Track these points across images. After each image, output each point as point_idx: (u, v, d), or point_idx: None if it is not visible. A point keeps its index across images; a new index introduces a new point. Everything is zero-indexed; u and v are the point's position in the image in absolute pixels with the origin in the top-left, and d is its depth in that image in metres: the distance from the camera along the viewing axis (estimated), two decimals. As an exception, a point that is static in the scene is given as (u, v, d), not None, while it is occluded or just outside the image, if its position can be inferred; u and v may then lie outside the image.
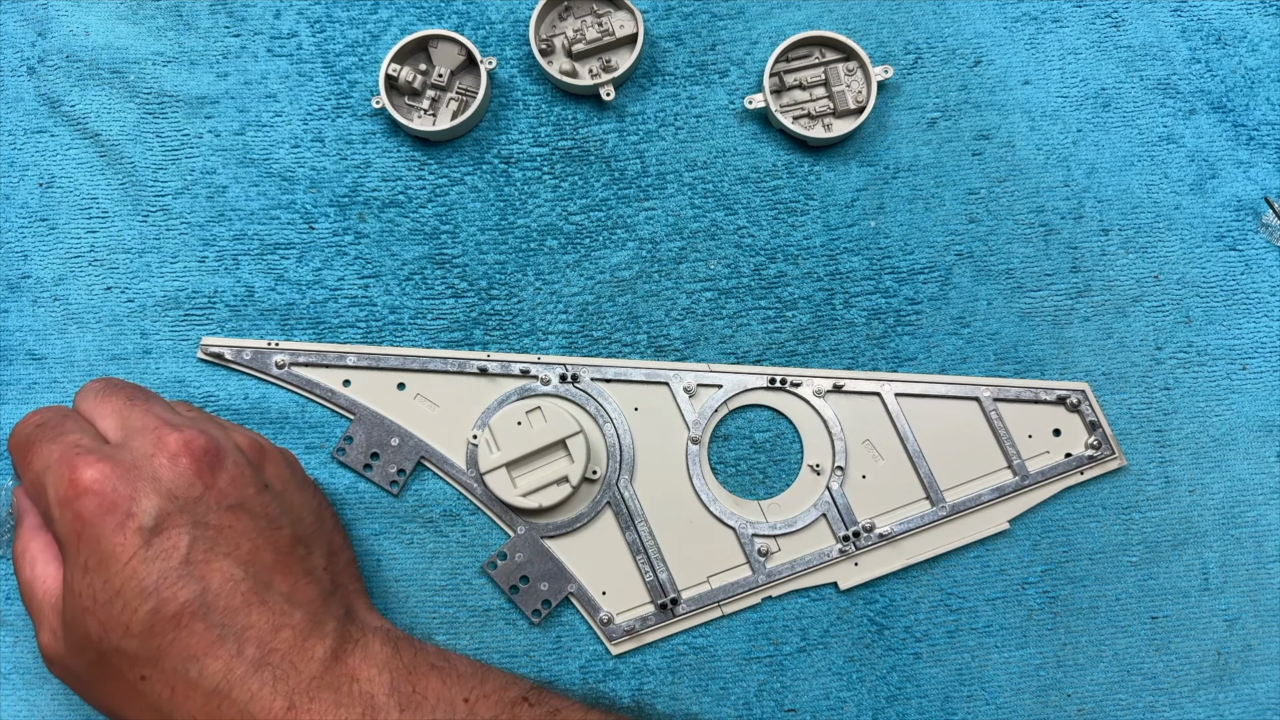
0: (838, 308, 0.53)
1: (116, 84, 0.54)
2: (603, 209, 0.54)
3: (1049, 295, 0.53)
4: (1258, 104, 0.54)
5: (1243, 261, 0.53)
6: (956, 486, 0.51)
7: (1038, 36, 0.55)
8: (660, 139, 0.54)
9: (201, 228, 0.54)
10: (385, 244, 0.53)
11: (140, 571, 0.39)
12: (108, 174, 0.54)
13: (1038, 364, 0.53)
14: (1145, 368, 0.53)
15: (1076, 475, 0.52)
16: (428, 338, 0.53)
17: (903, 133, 0.54)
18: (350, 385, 0.52)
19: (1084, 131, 0.54)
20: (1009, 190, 0.54)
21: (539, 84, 0.55)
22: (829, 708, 0.50)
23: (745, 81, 0.55)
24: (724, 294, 0.53)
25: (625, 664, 0.51)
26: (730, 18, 0.55)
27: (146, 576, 0.39)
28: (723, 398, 0.52)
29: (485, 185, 0.54)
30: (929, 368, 0.53)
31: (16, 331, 0.53)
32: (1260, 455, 0.52)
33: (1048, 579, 0.51)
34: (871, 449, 0.52)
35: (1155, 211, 0.54)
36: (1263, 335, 0.53)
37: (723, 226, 0.54)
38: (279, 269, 0.53)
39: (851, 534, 0.51)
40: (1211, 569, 0.52)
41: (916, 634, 0.51)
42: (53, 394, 0.52)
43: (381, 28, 0.55)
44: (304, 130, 0.54)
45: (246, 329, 0.53)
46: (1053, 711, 0.51)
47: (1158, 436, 0.52)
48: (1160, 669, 0.51)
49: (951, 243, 0.54)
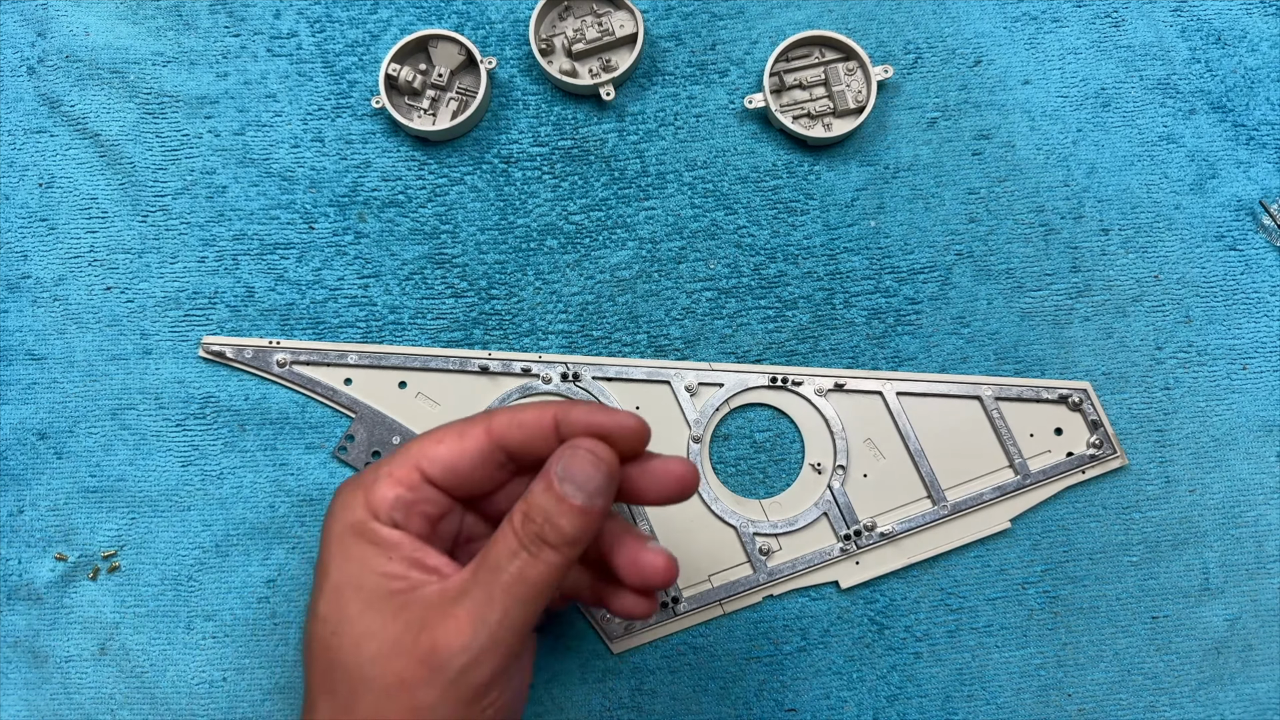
0: (838, 307, 0.53)
1: (116, 84, 0.54)
2: (603, 209, 0.54)
3: (1049, 295, 0.53)
4: (1258, 104, 0.54)
5: (1243, 261, 0.53)
6: (958, 485, 0.51)
7: (1038, 36, 0.55)
8: (660, 139, 0.54)
9: (201, 228, 0.54)
10: (385, 244, 0.53)
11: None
12: (107, 174, 0.54)
13: (1038, 364, 0.53)
14: (1145, 367, 0.53)
15: (1078, 474, 0.52)
16: (427, 337, 0.53)
17: (903, 132, 0.54)
18: (351, 384, 0.52)
19: (1084, 131, 0.54)
20: (1009, 190, 0.54)
21: (539, 84, 0.55)
22: (829, 707, 0.50)
23: (745, 81, 0.55)
24: (724, 294, 0.53)
25: (625, 663, 0.51)
26: (730, 17, 0.55)
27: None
28: (724, 396, 0.52)
29: (485, 185, 0.54)
30: (929, 368, 0.53)
31: (16, 331, 0.53)
32: (1260, 455, 0.52)
33: (1048, 578, 0.51)
34: (873, 448, 0.52)
35: (1155, 211, 0.54)
36: (1263, 335, 0.53)
37: (723, 226, 0.54)
38: (279, 269, 0.53)
39: (852, 533, 0.51)
40: (1212, 569, 0.52)
41: (917, 633, 0.51)
42: (52, 394, 0.52)
43: (381, 27, 0.55)
44: (304, 130, 0.54)
45: (246, 329, 0.53)
46: (1053, 711, 0.51)
47: (1158, 436, 0.52)
48: (1161, 669, 0.51)
49: (951, 242, 0.54)
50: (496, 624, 0.36)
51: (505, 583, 0.36)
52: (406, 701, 0.36)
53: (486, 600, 0.36)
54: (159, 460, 0.52)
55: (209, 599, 0.51)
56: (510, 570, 0.37)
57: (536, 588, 0.37)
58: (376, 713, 0.36)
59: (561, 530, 0.37)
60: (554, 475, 0.37)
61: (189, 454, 0.52)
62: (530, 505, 0.37)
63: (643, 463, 0.40)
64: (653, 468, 0.40)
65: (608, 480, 0.38)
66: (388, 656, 0.36)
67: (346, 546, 0.39)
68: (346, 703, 0.37)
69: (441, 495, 0.40)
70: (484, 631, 0.36)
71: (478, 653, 0.36)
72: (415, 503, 0.39)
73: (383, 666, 0.36)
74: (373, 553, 0.38)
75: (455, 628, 0.36)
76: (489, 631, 0.36)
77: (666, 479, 0.40)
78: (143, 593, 0.51)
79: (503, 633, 0.36)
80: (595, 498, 0.37)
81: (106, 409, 0.52)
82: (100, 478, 0.52)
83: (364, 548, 0.38)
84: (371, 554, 0.38)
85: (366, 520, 0.39)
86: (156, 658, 0.51)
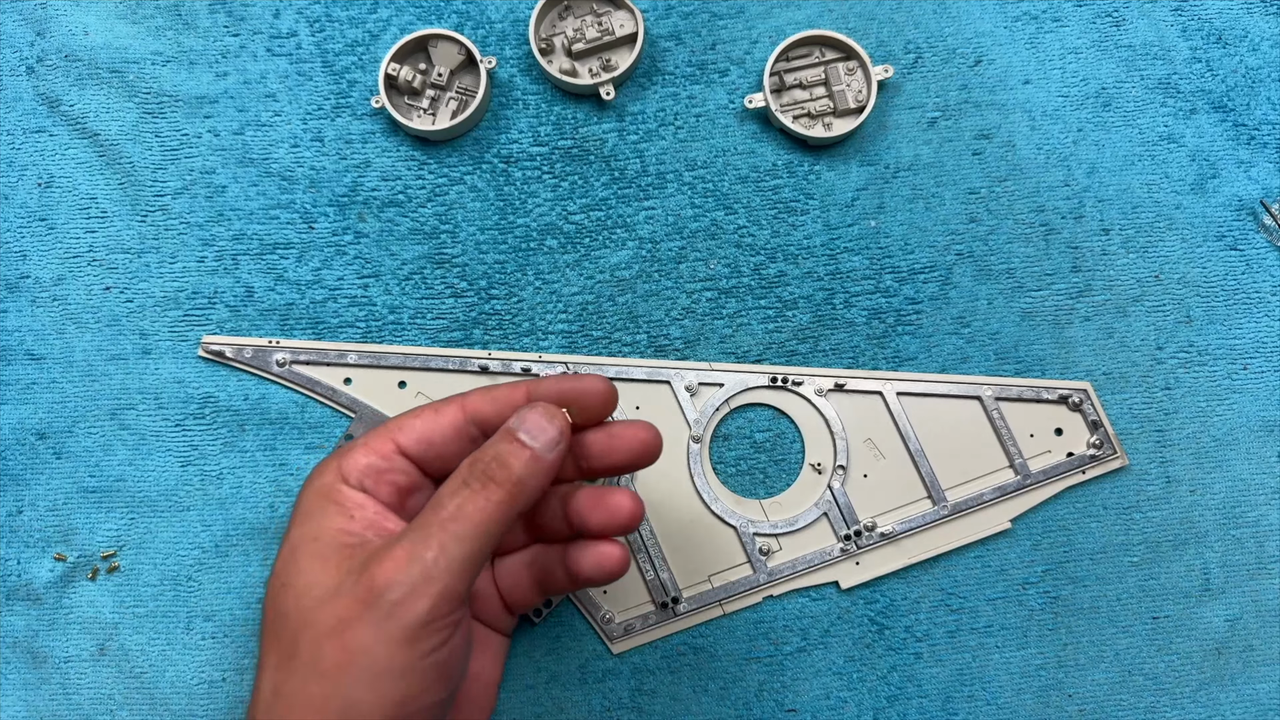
0: (838, 307, 0.53)
1: (115, 83, 0.54)
2: (602, 209, 0.54)
3: (1049, 295, 0.53)
4: (1258, 103, 0.54)
5: (1243, 261, 0.53)
6: (958, 486, 0.51)
7: (1038, 36, 0.55)
8: (660, 138, 0.54)
9: (201, 227, 0.54)
10: (385, 244, 0.53)
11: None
12: (107, 174, 0.54)
13: (1038, 364, 0.53)
14: (1146, 368, 0.53)
15: (1079, 474, 0.51)
16: (427, 338, 0.53)
17: (903, 132, 0.54)
18: (351, 383, 0.52)
19: (1085, 131, 0.54)
20: (1009, 190, 0.54)
21: (539, 83, 0.55)
22: (829, 708, 0.50)
23: (745, 81, 0.55)
24: (724, 294, 0.53)
25: (625, 663, 0.51)
26: (730, 17, 0.55)
27: None
28: (724, 396, 0.52)
29: (485, 185, 0.54)
30: (929, 368, 0.53)
31: (15, 331, 0.53)
32: (1261, 455, 0.52)
33: (1049, 579, 0.51)
34: (873, 448, 0.52)
35: (1156, 211, 0.54)
36: (1263, 335, 0.53)
37: (723, 226, 0.54)
38: (278, 269, 0.53)
39: (853, 533, 0.51)
40: (1212, 569, 0.51)
41: (917, 634, 0.51)
42: (51, 394, 0.52)
43: (381, 27, 0.55)
44: (303, 130, 0.54)
45: (246, 329, 0.53)
46: (1053, 712, 0.50)
47: (1158, 436, 0.52)
48: (1161, 669, 0.51)
49: (952, 242, 0.53)
50: (432, 560, 0.36)
51: (443, 518, 0.37)
52: (343, 642, 0.36)
53: (423, 537, 0.37)
54: (158, 460, 0.52)
55: (208, 599, 0.51)
56: (449, 506, 0.37)
57: (475, 524, 0.37)
58: (315, 656, 0.36)
59: (509, 468, 0.38)
60: (509, 427, 0.39)
61: (188, 454, 0.52)
62: (481, 450, 0.39)
63: (608, 427, 0.42)
64: (617, 430, 0.42)
65: (559, 434, 0.39)
66: (329, 599, 0.37)
67: (309, 509, 0.40)
68: (290, 649, 0.37)
69: (413, 467, 0.41)
70: (417, 566, 0.36)
71: (411, 586, 0.36)
72: (386, 471, 0.40)
73: (324, 610, 0.37)
74: (334, 511, 0.39)
75: (391, 563, 0.36)
76: (422, 567, 0.36)
77: (631, 441, 0.42)
78: (142, 593, 0.51)
79: (437, 571, 0.36)
80: (547, 449, 0.39)
81: (106, 409, 0.52)
82: (99, 478, 0.52)
83: (326, 507, 0.39)
84: (333, 512, 0.39)
85: (334, 483, 0.40)
86: (156, 658, 0.51)
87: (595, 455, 0.42)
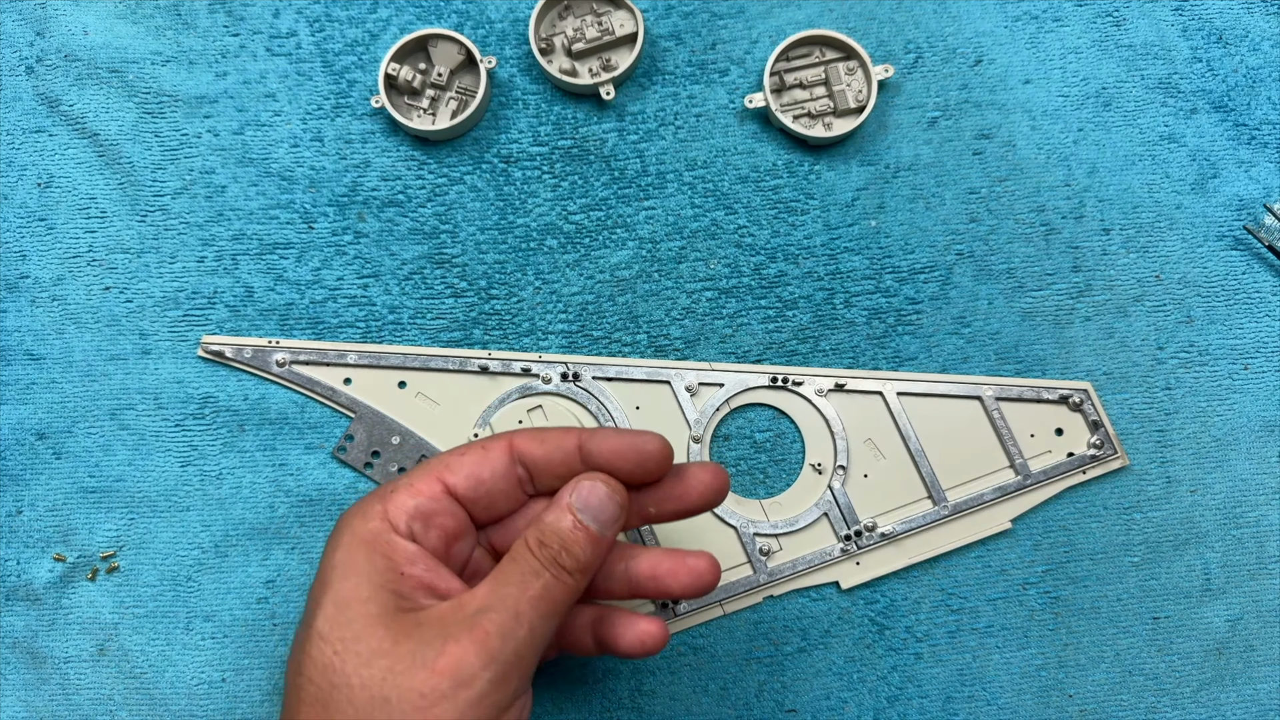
0: (838, 307, 0.53)
1: (115, 83, 0.54)
2: (602, 208, 0.54)
3: (1050, 295, 0.53)
4: (1259, 103, 0.54)
5: (1244, 261, 0.53)
6: (958, 486, 0.51)
7: (1039, 36, 0.55)
8: (660, 138, 0.54)
9: (200, 227, 0.53)
10: (385, 244, 0.53)
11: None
12: (106, 174, 0.54)
13: (1039, 364, 0.53)
14: (1146, 368, 0.53)
15: (1079, 475, 0.51)
16: (427, 338, 0.53)
17: (903, 132, 0.54)
18: (351, 384, 0.52)
19: (1085, 131, 0.54)
20: (1010, 190, 0.54)
21: (539, 83, 0.55)
22: (829, 708, 0.50)
23: (745, 81, 0.55)
24: (724, 294, 0.53)
25: (624, 663, 0.51)
26: (730, 17, 0.55)
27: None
28: (724, 396, 0.52)
29: (485, 185, 0.54)
30: (929, 368, 0.53)
31: (15, 331, 0.53)
32: (1262, 455, 0.52)
33: (1049, 579, 0.51)
34: (873, 448, 0.52)
35: (1156, 211, 0.54)
36: (1264, 335, 0.53)
37: (723, 226, 0.54)
38: (278, 269, 0.53)
39: (853, 533, 0.51)
40: (1213, 569, 0.51)
41: (917, 634, 0.51)
42: (50, 394, 0.52)
43: (381, 27, 0.55)
44: (303, 130, 0.54)
45: (245, 329, 0.53)
46: (1054, 712, 0.50)
47: (1159, 436, 0.52)
48: (1162, 669, 0.51)
49: (952, 242, 0.53)
50: (523, 639, 0.36)
51: (532, 598, 0.37)
52: (426, 718, 0.35)
53: (513, 616, 0.36)
54: (158, 460, 0.52)
55: (208, 599, 0.51)
56: (536, 586, 0.37)
57: (557, 605, 0.37)
58: None
59: (576, 556, 0.38)
60: (569, 503, 0.38)
61: (188, 454, 0.52)
62: (544, 530, 0.38)
63: (677, 471, 0.41)
64: (687, 473, 0.41)
65: (619, 512, 0.39)
66: (405, 672, 0.35)
67: (354, 559, 0.38)
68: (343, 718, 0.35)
69: (460, 510, 0.40)
70: (510, 646, 0.36)
71: (504, 667, 0.35)
72: (434, 514, 0.39)
73: (399, 684, 0.35)
74: (384, 566, 0.37)
75: (482, 641, 0.35)
76: (515, 646, 0.36)
77: (699, 486, 0.41)
78: (141, 593, 0.51)
79: (527, 649, 0.36)
80: (607, 528, 0.39)
81: (105, 409, 0.52)
82: (99, 478, 0.52)
83: (375, 560, 0.38)
84: (383, 567, 0.37)
85: (383, 531, 0.38)
86: (155, 658, 0.51)
87: (663, 500, 0.41)
